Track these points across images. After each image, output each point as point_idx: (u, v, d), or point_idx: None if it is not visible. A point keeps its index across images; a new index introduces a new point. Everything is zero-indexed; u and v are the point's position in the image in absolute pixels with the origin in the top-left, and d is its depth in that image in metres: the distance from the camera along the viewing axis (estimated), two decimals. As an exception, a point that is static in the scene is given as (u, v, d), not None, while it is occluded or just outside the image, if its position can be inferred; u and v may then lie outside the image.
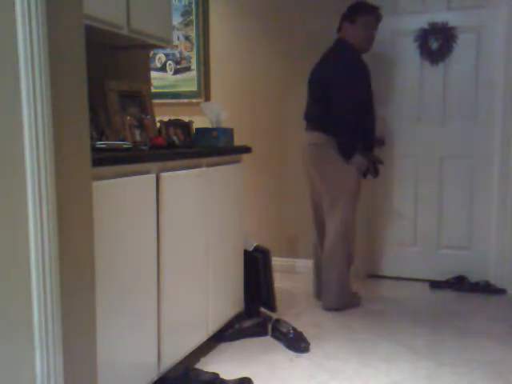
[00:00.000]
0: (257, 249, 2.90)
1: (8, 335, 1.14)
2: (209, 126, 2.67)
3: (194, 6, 3.92)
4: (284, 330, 2.58)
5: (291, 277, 3.71)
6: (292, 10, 3.68)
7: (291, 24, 3.69)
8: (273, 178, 3.84)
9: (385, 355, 2.45)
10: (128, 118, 2.33)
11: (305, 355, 2.46)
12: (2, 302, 1.12)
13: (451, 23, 3.43)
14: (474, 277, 3.46)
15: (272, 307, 2.88)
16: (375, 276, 3.73)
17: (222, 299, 2.58)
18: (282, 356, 2.45)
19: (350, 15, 2.99)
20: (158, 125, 2.50)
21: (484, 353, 2.47)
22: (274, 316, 2.83)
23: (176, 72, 4.06)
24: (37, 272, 1.16)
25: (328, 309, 3.04)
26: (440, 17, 3.45)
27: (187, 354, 2.25)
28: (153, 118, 2.51)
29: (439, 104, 3.51)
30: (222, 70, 3.93)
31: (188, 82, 4.02)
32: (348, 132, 2.94)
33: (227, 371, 2.25)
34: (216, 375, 2.12)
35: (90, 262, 1.33)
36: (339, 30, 3.05)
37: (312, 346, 2.53)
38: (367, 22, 2.98)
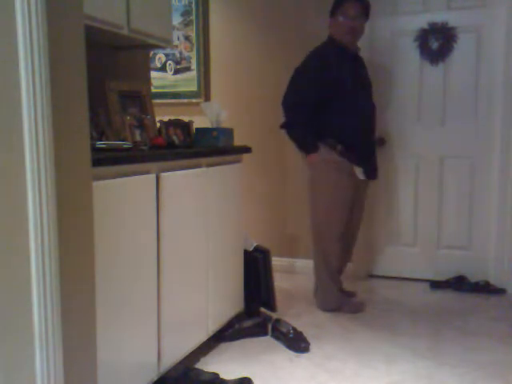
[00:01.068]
0: (257, 249, 2.89)
1: (8, 335, 1.14)
2: (209, 126, 2.67)
3: (193, 5, 3.92)
4: (284, 329, 2.58)
5: (291, 277, 3.71)
6: (292, 11, 3.68)
7: (291, 24, 3.69)
8: (273, 177, 3.84)
9: (385, 355, 2.45)
10: (128, 118, 2.33)
11: (305, 355, 2.46)
12: (2, 302, 1.12)
13: (451, 23, 3.42)
14: (473, 277, 3.46)
15: (272, 307, 2.88)
16: (375, 276, 3.73)
17: (222, 299, 2.58)
18: (282, 356, 2.45)
19: (331, 9, 2.94)
20: (158, 125, 2.50)
21: (484, 353, 2.46)
22: (274, 316, 2.83)
23: (176, 72, 4.06)
24: (37, 272, 1.16)
25: (320, 309, 3.05)
26: (440, 17, 3.45)
27: (187, 353, 2.25)
28: (153, 118, 2.51)
29: (439, 104, 3.51)
30: (222, 70, 3.93)
31: (188, 82, 4.02)
32: (292, 127, 2.90)
33: (227, 371, 2.25)
34: (216, 375, 2.12)
35: (89, 261, 1.33)
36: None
37: (312, 346, 2.53)
38: (344, 11, 2.86)
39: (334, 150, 2.88)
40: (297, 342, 2.51)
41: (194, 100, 3.96)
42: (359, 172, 2.93)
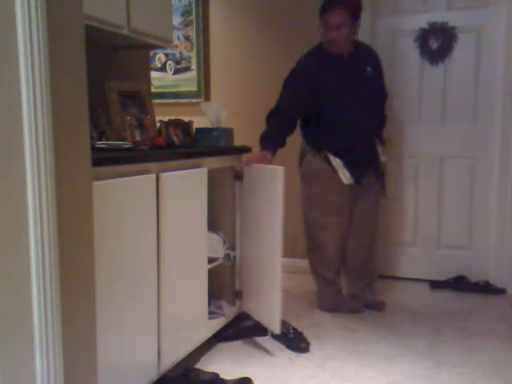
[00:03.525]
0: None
1: (8, 336, 1.14)
2: (209, 125, 2.67)
3: (193, 5, 3.92)
4: (284, 330, 2.58)
5: (291, 277, 3.71)
6: (292, 11, 3.68)
7: (292, 24, 3.69)
8: (273, 178, 3.84)
9: (385, 355, 2.45)
10: (128, 117, 2.33)
11: (305, 355, 2.46)
12: (2, 302, 1.12)
13: (451, 23, 3.43)
14: (474, 277, 3.46)
15: (272, 307, 2.88)
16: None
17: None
18: (282, 356, 2.45)
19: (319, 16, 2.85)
20: (158, 125, 2.50)
21: (484, 353, 2.46)
22: (274, 316, 2.83)
23: (176, 72, 4.06)
24: (37, 272, 1.16)
25: (318, 309, 3.06)
26: (440, 17, 3.45)
27: (187, 354, 2.25)
28: (153, 117, 2.51)
29: (439, 104, 3.51)
30: (222, 70, 3.93)
31: (188, 81, 4.02)
32: (266, 130, 2.84)
33: (227, 371, 2.25)
34: (216, 375, 2.12)
35: (90, 261, 1.33)
36: None
37: (312, 346, 2.52)
38: (325, 22, 2.75)
39: (319, 155, 2.86)
40: (297, 342, 2.51)
41: (194, 100, 3.96)
42: (344, 177, 2.83)
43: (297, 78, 2.84)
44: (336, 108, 2.82)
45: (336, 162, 2.83)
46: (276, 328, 2.43)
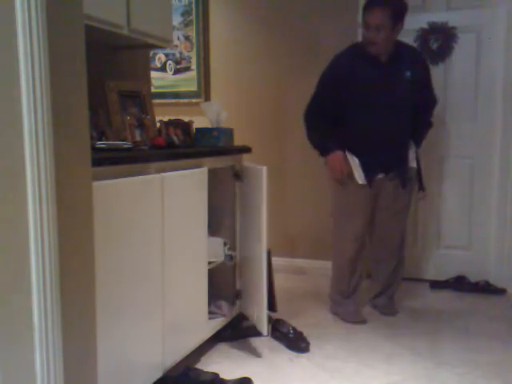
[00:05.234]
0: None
1: (8, 336, 1.14)
2: (209, 125, 2.67)
3: (193, 5, 3.92)
4: (284, 330, 2.58)
5: (291, 277, 3.71)
6: (292, 10, 3.68)
7: (291, 24, 3.69)
8: (273, 177, 3.84)
9: (385, 355, 2.45)
10: (128, 117, 2.33)
11: (305, 355, 2.46)
12: (2, 302, 1.12)
13: (451, 23, 3.42)
14: (474, 277, 3.46)
15: (272, 307, 2.88)
16: (375, 276, 3.73)
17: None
18: (282, 356, 2.45)
19: None
20: (158, 125, 2.50)
21: (484, 353, 2.46)
22: (274, 316, 2.83)
23: (176, 72, 4.06)
24: (37, 272, 1.16)
25: None
26: (440, 17, 3.45)
27: (187, 353, 2.25)
28: (153, 117, 2.51)
29: (439, 104, 3.49)
30: (222, 70, 3.93)
31: (188, 81, 4.02)
32: (308, 132, 2.87)
33: (227, 371, 2.25)
34: (216, 375, 2.12)
35: (90, 262, 1.33)
36: None
37: (312, 346, 2.53)
38: (364, 21, 2.71)
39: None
40: (297, 342, 2.51)
41: (194, 100, 3.96)
42: (358, 177, 2.80)
43: (328, 80, 2.81)
44: (360, 110, 2.77)
45: (353, 160, 2.80)
46: (264, 329, 2.44)
